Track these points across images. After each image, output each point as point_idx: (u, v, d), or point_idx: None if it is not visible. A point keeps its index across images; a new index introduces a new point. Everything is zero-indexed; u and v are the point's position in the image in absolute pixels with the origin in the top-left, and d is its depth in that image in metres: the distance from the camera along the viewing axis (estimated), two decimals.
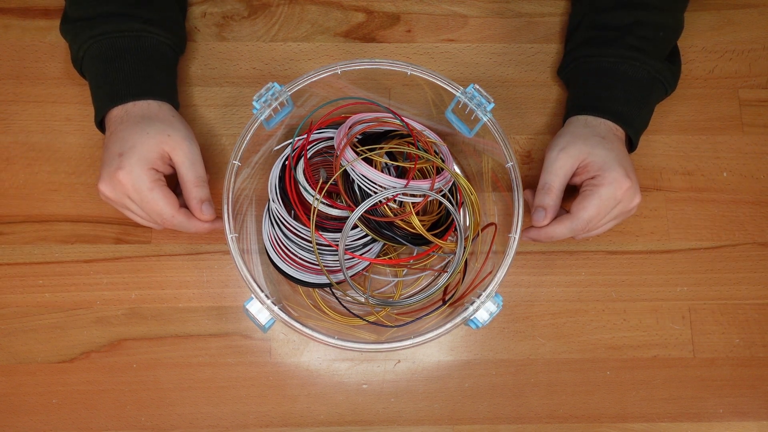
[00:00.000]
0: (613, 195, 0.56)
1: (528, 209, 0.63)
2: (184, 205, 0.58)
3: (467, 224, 0.64)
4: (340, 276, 0.59)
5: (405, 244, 0.59)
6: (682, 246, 0.66)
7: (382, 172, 0.57)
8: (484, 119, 0.57)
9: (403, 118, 0.61)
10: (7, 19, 0.69)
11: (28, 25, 0.69)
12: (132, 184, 0.55)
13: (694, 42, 0.71)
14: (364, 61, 0.56)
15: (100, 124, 0.61)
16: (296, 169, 0.59)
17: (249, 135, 0.56)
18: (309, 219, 0.57)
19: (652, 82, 0.62)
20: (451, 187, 0.62)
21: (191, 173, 0.57)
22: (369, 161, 0.58)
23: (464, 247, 0.59)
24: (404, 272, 0.65)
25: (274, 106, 0.56)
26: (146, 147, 0.55)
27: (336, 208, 0.58)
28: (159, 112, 0.58)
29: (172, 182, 0.59)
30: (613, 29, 0.63)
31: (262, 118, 0.56)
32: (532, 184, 0.67)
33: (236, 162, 0.55)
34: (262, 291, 0.53)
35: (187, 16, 0.70)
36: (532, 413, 0.63)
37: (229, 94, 0.68)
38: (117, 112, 0.58)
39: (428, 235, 0.58)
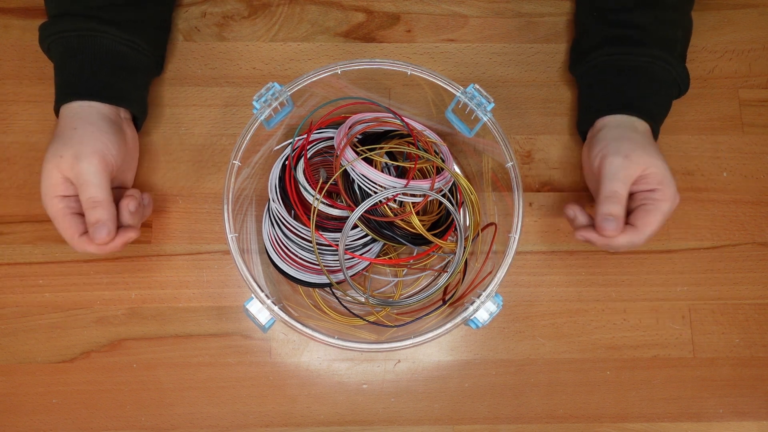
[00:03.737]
0: (670, 210, 0.56)
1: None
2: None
3: (467, 224, 0.64)
4: (340, 276, 0.59)
5: (405, 244, 0.59)
6: (682, 246, 0.66)
7: (382, 172, 0.57)
8: (484, 119, 0.57)
9: (403, 118, 0.61)
10: (7, 19, 0.69)
11: (29, 25, 0.69)
12: (45, 204, 0.55)
13: (694, 42, 0.71)
14: (364, 61, 0.56)
15: None
16: (296, 169, 0.59)
17: (249, 135, 0.56)
18: (309, 219, 0.57)
19: (673, 85, 0.62)
20: (451, 187, 0.62)
21: (83, 195, 0.54)
22: (369, 161, 0.58)
23: (464, 247, 0.59)
24: (404, 272, 0.65)
25: (274, 106, 0.56)
26: (46, 176, 0.54)
27: (336, 208, 0.58)
28: (65, 125, 0.56)
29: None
30: (637, 28, 0.62)
31: (262, 118, 0.56)
32: (532, 184, 0.67)
33: (236, 162, 0.55)
34: (262, 291, 0.53)
35: (186, 16, 0.70)
36: (532, 413, 0.63)
37: (229, 94, 0.68)
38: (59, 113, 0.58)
39: (428, 235, 0.58)
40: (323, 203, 0.57)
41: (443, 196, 0.60)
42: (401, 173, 0.60)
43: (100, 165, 0.54)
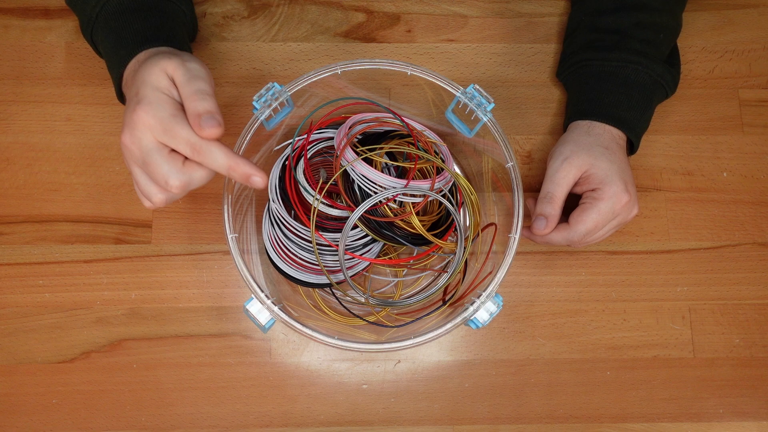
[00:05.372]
0: (611, 209, 0.57)
1: (528, 213, 0.63)
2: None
3: (467, 224, 0.64)
4: (340, 276, 0.59)
5: (405, 244, 0.59)
6: (682, 246, 0.66)
7: (382, 172, 0.57)
8: (484, 119, 0.57)
9: (403, 118, 0.61)
10: (7, 19, 0.69)
11: (28, 25, 0.69)
12: (153, 115, 0.48)
13: (694, 42, 0.71)
14: (364, 61, 0.56)
15: (122, 93, 0.57)
16: (296, 169, 0.59)
17: (249, 135, 0.56)
18: (309, 219, 0.57)
19: (654, 86, 0.62)
20: (451, 187, 0.62)
21: (188, 88, 0.48)
22: (369, 161, 0.58)
23: (464, 247, 0.59)
24: (404, 272, 0.65)
25: (274, 106, 0.56)
26: (155, 75, 0.49)
27: (336, 208, 0.58)
28: (156, 53, 0.52)
29: None
30: (615, 32, 0.62)
31: (262, 118, 0.56)
32: (532, 184, 0.67)
33: None
34: (262, 291, 0.53)
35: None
36: (532, 413, 0.63)
37: (229, 94, 0.68)
38: (132, 66, 0.54)
39: (428, 235, 0.58)
40: (323, 203, 0.57)
41: (443, 196, 0.60)
42: (401, 173, 0.60)
43: (204, 69, 0.51)
